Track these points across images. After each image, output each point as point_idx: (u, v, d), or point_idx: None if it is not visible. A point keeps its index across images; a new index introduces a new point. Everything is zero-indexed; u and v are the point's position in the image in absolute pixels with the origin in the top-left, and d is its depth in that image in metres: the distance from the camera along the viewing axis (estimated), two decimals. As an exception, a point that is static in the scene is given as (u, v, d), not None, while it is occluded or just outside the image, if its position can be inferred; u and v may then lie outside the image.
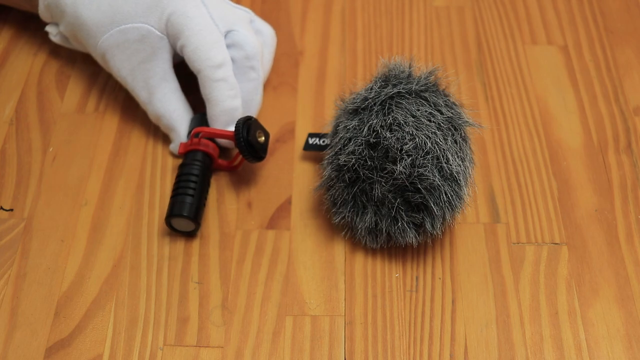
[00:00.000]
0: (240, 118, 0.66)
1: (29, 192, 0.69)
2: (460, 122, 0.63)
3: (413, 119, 0.60)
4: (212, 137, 0.68)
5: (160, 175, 0.70)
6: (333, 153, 0.63)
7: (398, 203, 0.61)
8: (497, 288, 0.63)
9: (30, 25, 0.81)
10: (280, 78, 0.77)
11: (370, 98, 0.62)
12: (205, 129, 0.68)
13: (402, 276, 0.64)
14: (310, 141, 0.70)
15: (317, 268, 0.64)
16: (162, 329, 0.61)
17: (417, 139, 0.60)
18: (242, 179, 0.70)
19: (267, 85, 0.77)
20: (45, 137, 0.73)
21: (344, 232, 0.65)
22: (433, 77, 0.65)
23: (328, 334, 0.61)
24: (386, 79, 0.64)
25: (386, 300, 0.62)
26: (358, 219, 0.62)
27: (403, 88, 0.63)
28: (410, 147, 0.59)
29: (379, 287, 0.63)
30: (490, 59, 0.79)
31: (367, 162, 0.60)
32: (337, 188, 0.62)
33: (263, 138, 0.67)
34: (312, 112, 0.75)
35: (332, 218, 0.64)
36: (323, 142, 0.69)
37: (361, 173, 0.60)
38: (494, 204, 0.68)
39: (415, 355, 0.60)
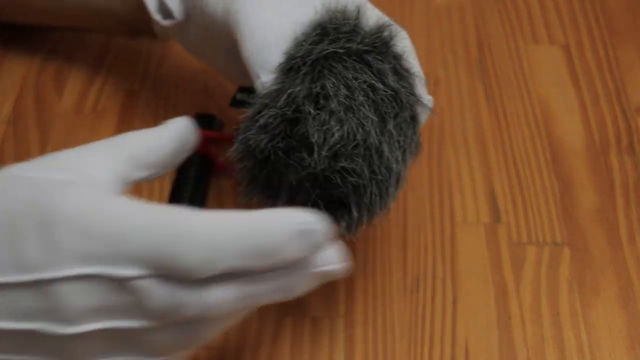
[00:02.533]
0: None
1: (26, 193, 0.68)
2: (408, 97, 0.50)
3: (346, 92, 0.48)
4: (213, 140, 0.68)
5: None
6: (249, 116, 0.50)
7: (315, 194, 0.49)
8: (497, 289, 0.63)
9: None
10: (279, 77, 0.77)
11: (298, 57, 0.49)
12: (203, 131, 0.67)
13: (402, 277, 0.64)
14: (238, 97, 0.58)
15: (317, 269, 0.64)
16: (161, 330, 0.61)
17: (345, 126, 0.47)
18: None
19: (266, 84, 0.76)
20: (43, 137, 0.72)
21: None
22: (386, 34, 0.51)
23: (328, 335, 0.61)
24: (324, 31, 0.50)
25: (386, 301, 0.62)
26: (269, 204, 0.51)
27: (342, 47, 0.49)
28: (336, 138, 0.47)
29: (379, 287, 0.63)
30: (491, 58, 0.79)
31: (280, 142, 0.48)
32: (245, 164, 0.51)
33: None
34: (312, 112, 0.75)
35: (239, 196, 0.53)
36: (252, 98, 0.54)
37: (272, 155, 0.49)
38: (494, 204, 0.68)
39: (416, 356, 0.59)
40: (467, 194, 0.68)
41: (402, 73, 0.51)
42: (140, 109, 0.74)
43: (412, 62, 0.53)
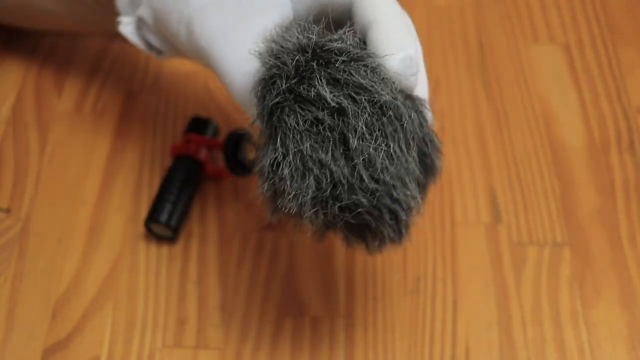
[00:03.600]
0: (231, 131, 0.65)
1: (26, 193, 0.68)
2: (362, 100, 0.45)
3: (294, 148, 0.46)
4: (202, 145, 0.67)
5: (159, 175, 0.69)
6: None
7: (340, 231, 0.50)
8: (498, 289, 0.63)
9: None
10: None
11: (260, 123, 0.47)
12: (195, 136, 0.67)
13: (402, 277, 0.63)
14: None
15: (317, 269, 0.64)
16: (161, 330, 0.61)
17: (308, 179, 0.46)
18: (241, 179, 0.69)
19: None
20: (43, 136, 0.72)
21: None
22: (310, 46, 0.46)
23: (328, 335, 0.60)
24: (270, 74, 0.47)
25: (386, 302, 0.62)
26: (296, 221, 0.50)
27: (276, 92, 0.46)
28: (308, 196, 0.46)
29: (379, 288, 0.63)
30: (491, 58, 0.78)
31: (278, 213, 0.48)
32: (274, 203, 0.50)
33: (253, 154, 0.66)
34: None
35: (268, 217, 0.52)
36: None
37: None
38: (495, 204, 0.68)
39: (416, 356, 0.59)
40: (468, 194, 0.68)
41: (340, 77, 0.46)
42: (140, 108, 0.74)
43: (388, 29, 0.50)
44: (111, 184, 0.69)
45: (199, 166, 0.67)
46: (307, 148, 0.45)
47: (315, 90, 0.45)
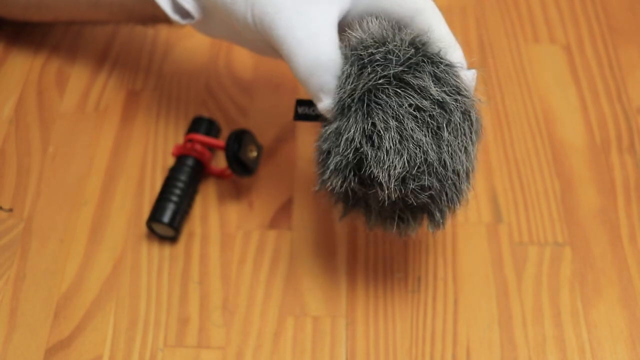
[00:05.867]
0: (233, 131, 0.65)
1: (28, 192, 0.68)
2: (456, 102, 0.53)
3: (395, 123, 0.51)
4: (204, 145, 0.68)
5: (160, 175, 0.70)
6: (320, 160, 0.55)
7: (399, 208, 0.55)
8: (499, 288, 0.63)
9: (30, 24, 0.81)
10: (280, 78, 0.77)
11: (345, 97, 0.52)
12: (197, 136, 0.67)
13: (403, 276, 0.64)
14: (300, 110, 0.60)
15: (319, 268, 0.64)
16: (163, 329, 0.61)
17: (403, 157, 0.51)
18: (243, 179, 0.69)
19: (267, 85, 0.76)
20: (45, 136, 0.72)
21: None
22: (417, 43, 0.53)
23: (329, 334, 0.61)
24: (361, 63, 0.53)
25: (388, 301, 0.62)
26: (366, 217, 0.57)
27: (381, 76, 0.51)
28: (399, 170, 0.51)
29: (381, 287, 0.63)
30: (492, 58, 0.79)
31: (352, 181, 0.53)
32: (333, 197, 0.57)
33: (255, 153, 0.66)
34: (313, 112, 0.75)
35: (339, 219, 0.59)
36: (313, 111, 0.59)
37: (349, 191, 0.54)
38: (496, 204, 0.68)
39: (417, 356, 0.59)
40: (469, 194, 0.68)
41: (442, 76, 0.53)
42: (143, 107, 0.74)
43: (443, 36, 0.56)
44: (113, 184, 0.69)
45: (201, 166, 0.68)
46: (409, 127, 0.51)
47: (422, 82, 0.51)
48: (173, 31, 0.80)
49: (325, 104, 0.54)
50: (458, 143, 0.53)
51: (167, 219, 0.64)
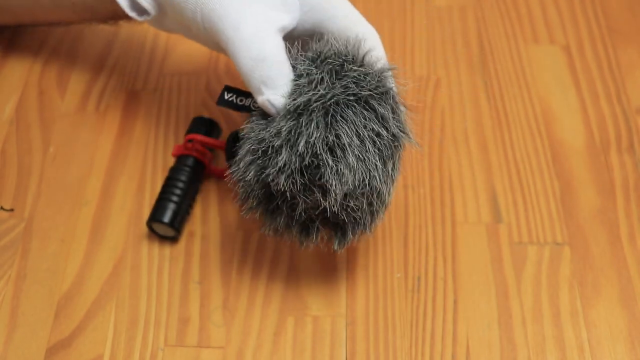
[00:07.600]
0: (233, 131, 0.65)
1: (29, 192, 0.69)
2: (404, 138, 0.56)
3: (358, 142, 0.53)
4: (204, 145, 0.68)
5: (161, 175, 0.70)
6: (259, 154, 0.54)
7: (318, 219, 0.56)
8: (499, 288, 0.63)
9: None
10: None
11: (313, 101, 0.52)
12: (197, 136, 0.67)
13: (403, 276, 0.64)
14: (227, 96, 0.58)
15: (319, 268, 0.64)
16: (163, 329, 0.61)
17: (357, 175, 0.53)
18: (243, 179, 0.69)
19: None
20: (46, 137, 0.72)
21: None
22: (386, 75, 0.56)
23: (329, 334, 0.61)
24: (336, 70, 0.54)
25: (387, 301, 0.62)
26: (268, 217, 0.57)
27: (351, 93, 0.53)
28: (349, 186, 0.52)
29: (381, 287, 0.63)
30: (492, 59, 0.79)
31: (296, 182, 0.52)
32: (257, 192, 0.55)
33: None
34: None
35: (242, 212, 0.58)
36: (241, 101, 0.58)
37: (287, 193, 0.54)
38: (495, 204, 0.68)
39: (417, 355, 0.59)
40: (468, 194, 0.68)
41: (398, 112, 0.56)
42: (143, 108, 0.74)
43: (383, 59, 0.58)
44: (114, 184, 0.69)
45: (201, 166, 0.68)
46: (370, 149, 0.53)
47: (385, 112, 0.54)
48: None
49: (269, 98, 0.54)
50: (392, 176, 0.55)
51: (167, 219, 0.64)
